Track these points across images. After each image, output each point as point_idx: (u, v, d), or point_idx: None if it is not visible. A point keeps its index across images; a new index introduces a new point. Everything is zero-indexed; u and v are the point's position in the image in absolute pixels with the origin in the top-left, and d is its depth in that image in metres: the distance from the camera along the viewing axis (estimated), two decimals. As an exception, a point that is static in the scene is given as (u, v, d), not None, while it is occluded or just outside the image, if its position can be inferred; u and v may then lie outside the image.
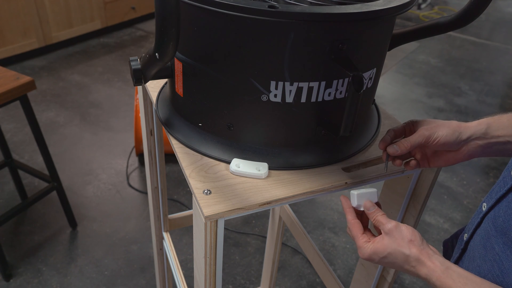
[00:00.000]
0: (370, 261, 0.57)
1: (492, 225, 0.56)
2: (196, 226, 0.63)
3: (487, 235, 0.57)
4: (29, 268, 1.75)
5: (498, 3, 5.99)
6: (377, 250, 0.56)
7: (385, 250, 0.55)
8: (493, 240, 0.55)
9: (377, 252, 0.56)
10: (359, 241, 0.59)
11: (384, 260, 0.56)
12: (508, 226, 0.52)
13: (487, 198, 0.59)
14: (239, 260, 1.86)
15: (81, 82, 3.15)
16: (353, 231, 0.60)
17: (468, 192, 2.33)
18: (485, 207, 0.59)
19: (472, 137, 0.61)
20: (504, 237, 0.53)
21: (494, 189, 0.57)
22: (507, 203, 0.54)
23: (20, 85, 1.43)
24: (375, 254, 0.56)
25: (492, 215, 0.57)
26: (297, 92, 0.60)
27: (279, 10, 0.52)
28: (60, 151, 2.42)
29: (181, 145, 0.70)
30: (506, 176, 0.56)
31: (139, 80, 0.64)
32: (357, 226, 0.60)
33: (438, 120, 0.63)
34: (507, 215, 0.53)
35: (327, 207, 2.18)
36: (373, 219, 0.60)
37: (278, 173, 0.66)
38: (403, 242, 0.55)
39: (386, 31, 0.66)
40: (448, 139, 0.60)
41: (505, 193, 0.55)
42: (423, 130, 0.61)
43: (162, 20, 0.48)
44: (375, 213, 0.60)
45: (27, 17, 3.11)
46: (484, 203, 0.60)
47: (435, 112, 3.10)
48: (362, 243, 0.58)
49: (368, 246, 0.57)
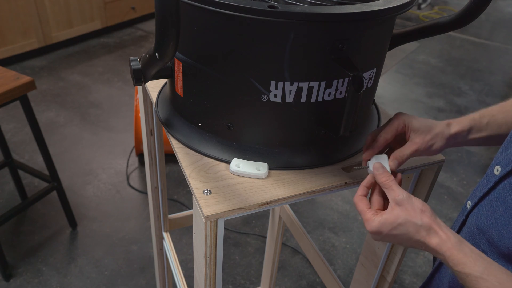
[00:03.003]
0: (377, 234, 0.54)
1: (475, 223, 0.56)
2: (196, 226, 0.63)
3: (471, 233, 0.56)
4: (29, 268, 1.75)
5: (498, 3, 5.98)
6: (387, 221, 0.53)
7: (396, 220, 0.52)
8: (477, 238, 0.55)
9: (386, 223, 0.53)
10: (367, 214, 0.55)
11: (393, 232, 0.53)
12: (489, 224, 0.52)
13: (471, 196, 0.59)
14: (239, 260, 1.86)
15: (81, 82, 3.15)
16: (359, 206, 0.57)
17: (468, 192, 2.33)
18: (469, 205, 0.59)
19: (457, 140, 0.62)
20: (487, 235, 0.53)
21: (478, 187, 0.57)
22: (489, 201, 0.54)
23: (20, 85, 1.43)
24: (384, 225, 0.53)
25: (476, 213, 0.56)
26: (297, 92, 0.60)
27: (279, 10, 0.52)
28: (60, 151, 2.42)
29: (181, 145, 0.70)
30: (489, 174, 0.56)
31: (139, 80, 0.64)
32: (364, 201, 0.58)
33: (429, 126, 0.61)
34: (489, 213, 0.53)
35: (327, 207, 2.18)
36: (382, 181, 0.57)
37: (278, 173, 0.66)
38: (415, 213, 0.52)
39: (386, 31, 0.66)
40: (442, 149, 0.62)
41: (487, 191, 0.55)
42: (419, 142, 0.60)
43: (162, 20, 0.48)
44: (384, 175, 0.57)
45: (27, 17, 3.11)
46: (469, 201, 0.60)
47: (435, 112, 3.10)
48: (369, 215, 0.55)
49: (377, 218, 0.54)
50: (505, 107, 0.63)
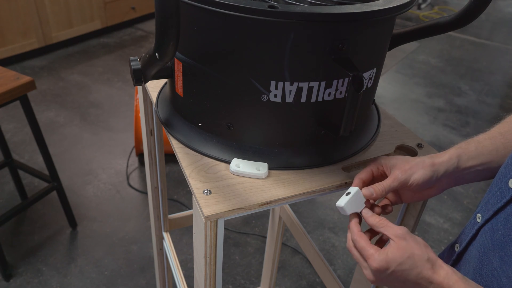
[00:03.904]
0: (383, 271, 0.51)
1: (490, 238, 0.53)
2: (196, 226, 0.63)
3: (484, 248, 0.54)
4: (29, 268, 1.75)
5: (498, 3, 5.98)
6: (394, 256, 0.50)
7: (404, 253, 0.50)
8: (491, 254, 0.53)
9: (395, 258, 0.50)
10: (370, 250, 0.52)
11: (401, 267, 0.50)
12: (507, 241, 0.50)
13: (482, 209, 0.57)
14: (239, 260, 1.86)
15: (81, 82, 3.15)
16: (360, 242, 0.54)
17: (468, 192, 2.33)
18: (480, 218, 0.57)
19: (446, 172, 0.59)
20: (502, 252, 0.51)
21: (490, 201, 0.55)
22: (505, 216, 0.52)
23: (20, 85, 1.43)
24: (393, 259, 0.50)
25: (490, 228, 0.54)
26: (297, 92, 0.60)
27: (279, 10, 0.52)
28: (60, 151, 2.42)
29: (181, 145, 0.70)
30: (503, 187, 0.53)
31: (139, 80, 0.64)
32: (364, 236, 0.55)
33: (409, 159, 0.60)
34: (506, 229, 0.51)
35: (327, 207, 2.18)
36: (375, 222, 0.56)
37: (278, 173, 0.66)
38: (419, 247, 0.51)
39: (386, 31, 0.66)
40: (425, 180, 0.58)
41: (503, 206, 0.52)
42: (397, 173, 0.58)
43: (162, 20, 0.48)
44: (376, 217, 0.56)
45: (27, 17, 3.11)
46: (479, 214, 0.57)
47: (435, 112, 3.10)
48: (373, 251, 0.52)
49: (382, 252, 0.51)
50: (490, 133, 0.61)
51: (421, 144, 0.75)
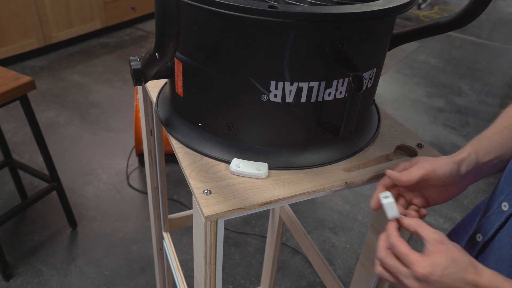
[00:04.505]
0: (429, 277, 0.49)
1: None
2: (196, 226, 0.63)
3: None
4: (29, 268, 1.75)
5: (498, 3, 5.98)
6: (439, 260, 0.49)
7: (447, 258, 0.49)
8: None
9: (440, 262, 0.49)
10: (413, 255, 0.50)
11: (446, 271, 0.48)
12: None
13: (507, 198, 0.57)
14: (239, 260, 1.86)
15: (81, 82, 3.15)
16: (401, 248, 0.52)
17: (468, 192, 2.33)
18: (507, 206, 0.57)
19: (468, 168, 0.60)
20: None
21: None
22: None
23: (20, 85, 1.43)
24: (438, 265, 0.48)
25: None
26: (297, 92, 0.60)
27: (279, 10, 0.52)
28: (60, 151, 2.42)
29: (181, 145, 0.70)
30: None
31: (139, 80, 0.64)
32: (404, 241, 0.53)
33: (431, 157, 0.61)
34: None
35: (327, 207, 2.18)
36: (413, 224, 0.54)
37: (278, 173, 0.66)
38: (459, 249, 0.50)
39: (386, 31, 0.66)
40: (451, 172, 0.58)
41: None
42: (423, 162, 0.59)
43: (162, 20, 0.48)
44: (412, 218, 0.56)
45: (27, 17, 3.11)
46: (505, 203, 0.57)
47: (435, 112, 3.10)
48: (417, 257, 0.50)
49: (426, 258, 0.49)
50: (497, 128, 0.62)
51: (421, 144, 0.75)
